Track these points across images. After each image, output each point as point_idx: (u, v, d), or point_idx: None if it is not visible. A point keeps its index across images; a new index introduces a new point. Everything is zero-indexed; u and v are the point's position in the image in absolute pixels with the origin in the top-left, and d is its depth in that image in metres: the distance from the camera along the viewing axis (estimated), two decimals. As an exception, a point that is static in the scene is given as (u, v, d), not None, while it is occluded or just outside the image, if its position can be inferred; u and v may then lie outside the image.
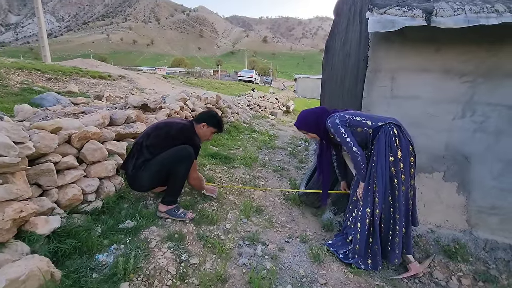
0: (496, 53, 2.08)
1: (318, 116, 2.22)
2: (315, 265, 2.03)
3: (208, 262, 1.89)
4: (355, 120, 2.03)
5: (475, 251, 2.25)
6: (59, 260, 1.61)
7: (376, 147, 1.94)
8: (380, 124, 1.96)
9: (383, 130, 1.94)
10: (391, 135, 1.91)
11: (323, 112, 2.24)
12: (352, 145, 1.96)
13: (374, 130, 1.97)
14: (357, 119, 2.03)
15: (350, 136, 1.97)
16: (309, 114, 2.30)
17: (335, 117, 2.06)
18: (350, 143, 1.96)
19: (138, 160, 2.27)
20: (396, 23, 1.91)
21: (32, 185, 1.86)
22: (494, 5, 1.81)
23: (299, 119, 2.32)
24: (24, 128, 1.98)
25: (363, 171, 2.00)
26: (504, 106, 2.14)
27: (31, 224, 1.64)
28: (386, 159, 1.91)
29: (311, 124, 2.25)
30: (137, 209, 2.29)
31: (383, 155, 1.91)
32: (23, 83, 5.74)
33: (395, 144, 1.91)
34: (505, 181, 2.22)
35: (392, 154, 1.91)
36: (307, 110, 2.38)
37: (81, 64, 11.24)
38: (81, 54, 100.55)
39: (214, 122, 2.44)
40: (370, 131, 1.98)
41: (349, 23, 3.49)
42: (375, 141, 1.96)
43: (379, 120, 1.99)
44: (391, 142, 1.91)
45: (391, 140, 1.91)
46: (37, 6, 13.52)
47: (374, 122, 1.98)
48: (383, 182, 1.92)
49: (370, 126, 1.98)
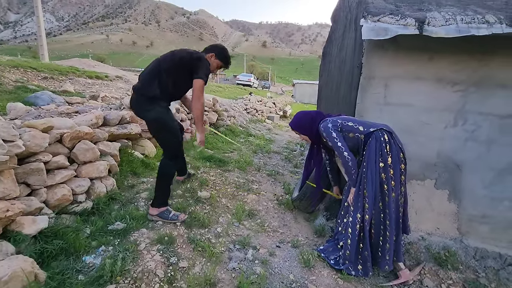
0: (488, 63, 2.11)
1: (312, 119, 2.23)
2: (306, 271, 2.02)
3: (197, 266, 1.87)
4: (348, 125, 2.05)
5: (465, 259, 2.26)
6: (44, 261, 1.59)
7: (367, 153, 1.95)
8: (371, 130, 1.97)
9: (374, 136, 1.95)
10: (381, 141, 1.92)
11: (318, 115, 2.25)
12: (343, 149, 1.97)
13: (366, 136, 1.98)
14: (350, 125, 2.04)
15: (341, 141, 1.99)
16: (304, 116, 2.31)
17: (328, 122, 2.07)
18: (342, 147, 1.98)
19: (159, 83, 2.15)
20: (389, 31, 1.93)
21: (21, 184, 1.84)
22: (485, 16, 1.84)
23: (294, 119, 2.34)
24: (14, 126, 1.96)
25: (354, 176, 2.00)
26: (495, 115, 2.17)
27: (17, 224, 1.62)
28: (377, 165, 1.92)
29: (304, 126, 2.26)
30: (127, 211, 2.27)
31: (374, 161, 1.92)
32: (18, 81, 5.70)
33: (386, 150, 1.92)
34: (496, 190, 2.23)
35: (383, 160, 1.92)
36: (303, 112, 2.40)
37: (78, 63, 11.20)
38: (79, 54, 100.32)
39: (222, 56, 2.38)
40: (361, 136, 1.99)
41: (345, 30, 3.52)
42: (366, 147, 1.97)
43: (371, 126, 2.00)
44: (381, 148, 1.92)
45: (382, 146, 1.92)
46: (36, 5, 13.49)
47: (366, 128, 1.99)
48: (373, 188, 1.93)
49: (362, 132, 1.99)
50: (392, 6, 2.17)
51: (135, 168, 3.03)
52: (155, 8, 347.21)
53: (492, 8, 2.02)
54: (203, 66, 2.15)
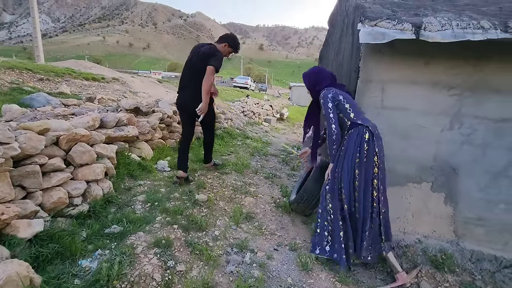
0: (482, 68, 2.14)
1: (320, 80, 2.31)
2: (303, 274, 2.02)
3: (195, 270, 1.86)
4: (344, 106, 2.12)
5: (461, 261, 2.27)
6: (40, 265, 1.57)
7: (347, 143, 2.04)
8: (358, 123, 2.04)
9: (357, 129, 2.03)
10: (363, 138, 1.99)
11: (327, 80, 2.30)
12: (333, 121, 2.07)
13: (351, 124, 2.07)
14: (345, 106, 2.12)
15: (334, 113, 2.08)
16: (317, 73, 2.38)
17: (331, 91, 2.15)
18: (332, 119, 2.07)
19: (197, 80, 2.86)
20: (387, 36, 1.96)
21: (16, 187, 1.82)
22: (480, 22, 1.87)
23: (309, 71, 2.43)
24: (10, 128, 1.94)
25: (334, 151, 2.07)
26: (490, 119, 2.20)
27: (12, 227, 1.59)
28: (353, 158, 2.00)
29: (310, 81, 2.36)
30: (124, 214, 2.26)
31: (352, 152, 2.00)
32: (13, 83, 5.65)
33: (364, 148, 1.98)
34: (491, 193, 2.26)
35: (359, 156, 1.99)
36: (320, 69, 2.45)
37: (75, 65, 11.14)
38: (75, 56, 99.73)
39: (232, 43, 3.12)
40: (348, 123, 2.09)
41: (342, 34, 3.55)
42: (347, 136, 2.05)
43: (360, 119, 2.07)
44: (361, 144, 1.99)
45: (362, 142, 1.99)
46: (32, 6, 13.42)
47: (355, 118, 2.08)
48: (349, 176, 2.00)
49: (351, 119, 2.09)
50: (389, 11, 2.20)
51: (132, 171, 3.01)
52: (152, 10, 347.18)
53: (487, 14, 2.06)
54: (217, 58, 2.86)
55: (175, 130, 4.51)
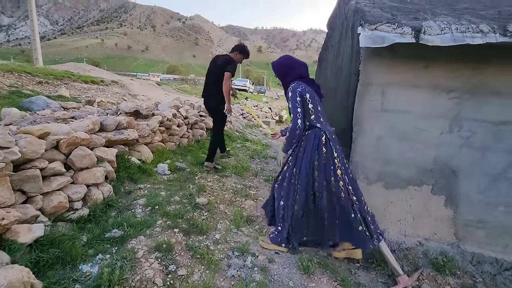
0: (482, 71, 2.16)
1: (290, 71, 2.21)
2: (305, 278, 2.01)
3: (196, 274, 1.85)
4: (307, 106, 2.10)
5: (462, 264, 2.27)
6: (40, 271, 1.56)
7: (305, 144, 2.09)
8: (317, 126, 2.09)
9: (315, 131, 2.08)
10: (320, 140, 2.05)
11: (297, 71, 2.21)
12: (300, 116, 2.06)
13: (309, 126, 2.11)
14: (309, 107, 2.11)
15: (301, 108, 2.07)
16: (287, 63, 2.26)
17: (300, 86, 2.10)
18: (299, 114, 2.06)
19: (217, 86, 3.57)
20: (386, 39, 1.97)
21: (16, 191, 1.81)
22: (479, 26, 1.89)
23: (279, 59, 2.32)
24: (10, 132, 1.93)
25: (292, 144, 2.13)
26: (489, 122, 2.21)
27: (12, 233, 1.58)
28: (312, 161, 2.03)
29: (280, 72, 2.26)
30: (124, 218, 2.24)
31: (310, 154, 2.04)
32: (12, 86, 5.64)
33: (322, 151, 2.03)
34: (491, 195, 2.27)
35: (318, 159, 2.03)
36: (290, 58, 2.31)
37: (74, 68, 11.13)
38: (74, 58, 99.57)
39: (243, 52, 3.80)
40: (307, 124, 2.12)
41: (341, 37, 3.57)
42: (305, 137, 2.11)
43: (319, 122, 2.11)
44: (319, 146, 2.04)
45: (320, 145, 2.04)
46: (30, 8, 13.43)
47: (315, 120, 2.11)
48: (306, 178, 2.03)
49: (310, 120, 2.11)
50: (389, 15, 2.21)
51: (132, 174, 3.01)
52: (151, 13, 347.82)
53: (486, 17, 2.08)
54: (232, 65, 3.57)
55: (175, 133, 4.50)
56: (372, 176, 2.49)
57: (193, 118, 5.30)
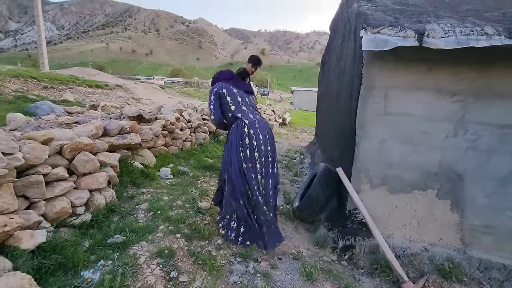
0: (486, 74, 2.12)
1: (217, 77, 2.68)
2: (308, 284, 1.99)
3: (198, 280, 1.84)
4: (225, 99, 2.45)
5: (469, 270, 2.22)
6: (42, 277, 1.56)
7: (230, 136, 2.36)
8: (238, 116, 2.37)
9: (237, 123, 2.35)
10: (243, 131, 2.29)
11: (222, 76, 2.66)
12: (212, 112, 2.46)
13: (232, 117, 2.41)
14: (227, 99, 2.45)
15: (215, 106, 2.46)
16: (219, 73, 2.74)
17: (216, 86, 2.51)
18: (212, 110, 2.47)
19: None
20: (389, 43, 1.95)
21: (19, 197, 1.82)
22: (484, 28, 1.86)
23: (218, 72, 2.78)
24: (14, 138, 1.95)
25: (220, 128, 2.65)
26: (495, 125, 2.17)
27: (15, 239, 1.59)
28: (238, 153, 2.27)
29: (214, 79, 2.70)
30: (127, 223, 2.25)
31: (235, 146, 2.28)
32: (18, 91, 5.72)
33: (246, 142, 2.27)
34: (498, 199, 2.22)
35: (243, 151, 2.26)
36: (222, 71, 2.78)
37: (79, 72, 11.26)
38: (79, 62, 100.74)
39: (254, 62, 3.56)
40: (230, 115, 2.42)
41: (344, 40, 3.56)
42: (231, 128, 2.40)
43: (241, 113, 2.39)
44: (242, 137, 2.28)
45: (243, 136, 2.28)
46: (37, 14, 13.65)
47: (236, 110, 2.41)
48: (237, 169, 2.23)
49: (232, 111, 2.42)
50: (391, 18, 2.20)
51: (135, 179, 3.01)
52: (155, 17, 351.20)
53: (490, 20, 2.05)
54: None
55: (178, 137, 4.51)
56: (376, 180, 2.45)
57: (196, 121, 5.31)
